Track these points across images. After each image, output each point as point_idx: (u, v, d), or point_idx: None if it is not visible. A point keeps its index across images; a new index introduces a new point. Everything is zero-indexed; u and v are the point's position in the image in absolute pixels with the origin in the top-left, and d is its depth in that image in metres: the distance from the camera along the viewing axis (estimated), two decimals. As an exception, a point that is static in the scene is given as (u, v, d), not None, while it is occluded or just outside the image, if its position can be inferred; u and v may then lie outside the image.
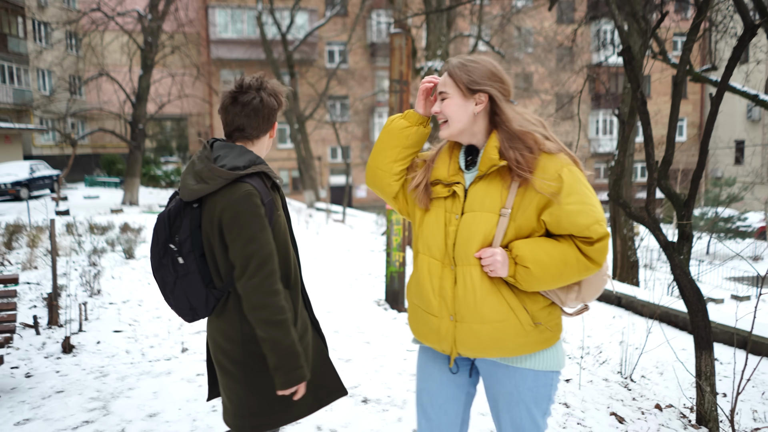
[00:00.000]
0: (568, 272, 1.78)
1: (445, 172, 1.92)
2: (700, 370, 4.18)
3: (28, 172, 22.14)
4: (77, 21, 19.68)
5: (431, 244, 1.90)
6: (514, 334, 1.83)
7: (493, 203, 1.82)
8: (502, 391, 1.91)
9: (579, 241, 1.79)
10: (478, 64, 1.86)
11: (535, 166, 1.79)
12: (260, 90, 2.04)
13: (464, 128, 1.89)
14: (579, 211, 1.76)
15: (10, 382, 4.04)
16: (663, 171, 4.59)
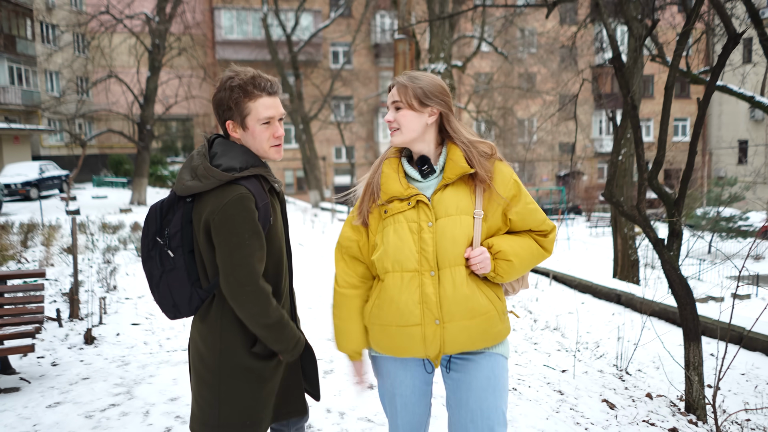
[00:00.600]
0: (533, 261, 2.04)
1: (398, 188, 1.98)
2: (688, 360, 4.42)
3: (38, 173, 22.46)
4: (86, 24, 19.97)
5: (401, 257, 1.94)
6: (495, 322, 1.98)
7: (467, 206, 1.96)
8: (479, 376, 1.98)
9: (536, 235, 2.06)
10: (429, 79, 2.01)
11: (494, 171, 1.99)
12: (221, 84, 1.97)
13: (416, 137, 1.99)
14: (536, 209, 2.04)
15: (38, 370, 4.32)
16: (654, 171, 4.84)
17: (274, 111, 1.94)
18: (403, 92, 1.97)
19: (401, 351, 1.98)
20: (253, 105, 1.92)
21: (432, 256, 1.91)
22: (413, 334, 1.93)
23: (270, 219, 1.94)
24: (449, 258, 1.91)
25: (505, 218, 2.01)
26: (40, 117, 29.98)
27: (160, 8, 19.88)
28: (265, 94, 1.93)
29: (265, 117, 1.93)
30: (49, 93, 30.86)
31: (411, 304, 1.92)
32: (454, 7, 16.80)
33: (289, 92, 24.69)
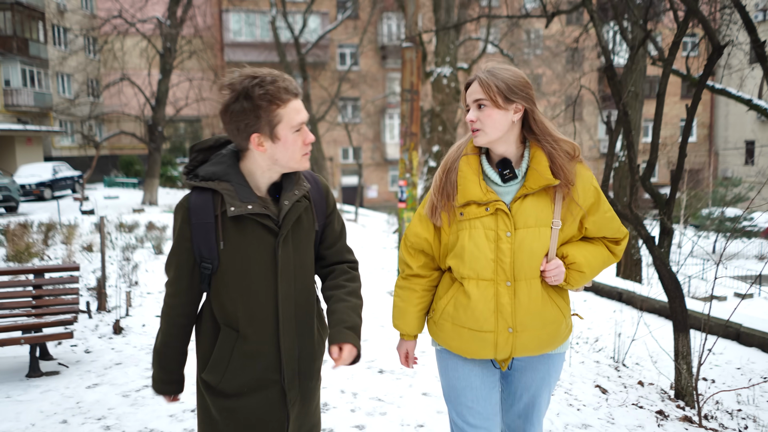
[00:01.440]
0: (602, 268, 1.99)
1: (478, 192, 1.89)
2: (677, 350, 4.72)
3: (52, 173, 22.90)
4: (99, 28, 20.40)
5: (477, 266, 1.88)
6: (562, 329, 1.98)
7: (546, 217, 1.88)
8: (536, 377, 2.01)
9: (609, 242, 2.02)
10: (512, 72, 1.89)
11: (576, 176, 1.90)
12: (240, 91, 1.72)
13: (501, 136, 1.88)
14: (613, 218, 1.98)
15: (74, 357, 4.68)
16: (647, 173, 5.15)
17: (304, 114, 1.75)
18: (486, 88, 1.85)
19: (471, 353, 1.95)
20: (284, 111, 1.69)
21: (509, 268, 1.86)
22: (486, 339, 1.90)
23: (215, 242, 1.73)
24: (526, 271, 1.87)
25: (581, 226, 1.96)
26: (52, 119, 30.48)
27: (171, 12, 20.28)
28: (293, 96, 1.71)
29: (298, 123, 1.72)
30: (60, 95, 31.34)
31: (487, 312, 1.88)
32: (460, 11, 17.13)
33: (297, 94, 25.11)
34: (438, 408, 3.71)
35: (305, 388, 1.89)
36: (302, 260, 1.85)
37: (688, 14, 4.75)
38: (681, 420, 4.03)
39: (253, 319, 1.77)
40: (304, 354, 1.87)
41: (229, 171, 1.74)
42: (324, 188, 1.95)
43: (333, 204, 1.98)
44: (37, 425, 3.37)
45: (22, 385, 4.05)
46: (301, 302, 1.85)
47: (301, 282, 1.85)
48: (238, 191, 1.72)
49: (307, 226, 1.86)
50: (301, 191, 1.81)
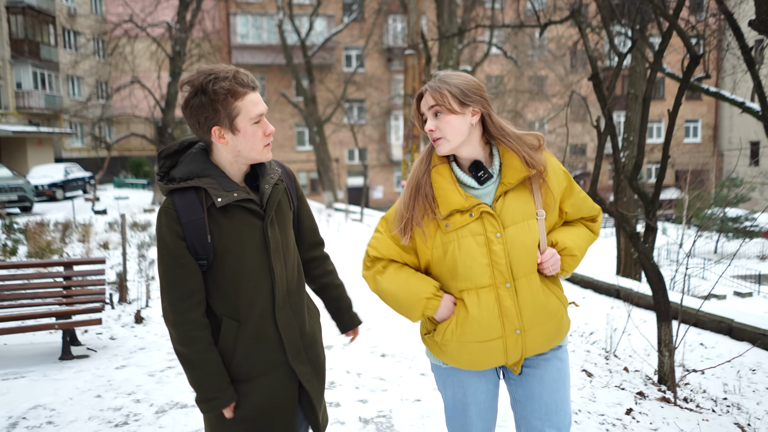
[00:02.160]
0: (588, 248, 2.00)
1: (459, 200, 1.86)
2: (660, 338, 5.07)
3: (63, 174, 23.36)
4: (111, 32, 20.87)
5: (473, 275, 1.85)
6: (564, 319, 1.96)
7: (530, 210, 1.89)
8: (550, 368, 1.96)
9: (586, 221, 2.05)
10: (463, 78, 1.90)
11: (546, 164, 1.93)
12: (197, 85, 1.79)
13: (463, 140, 1.88)
14: (585, 197, 2.03)
15: (100, 343, 5.08)
16: (634, 173, 5.49)
17: (262, 107, 1.81)
18: (439, 95, 1.85)
19: (481, 365, 1.92)
20: (242, 104, 1.76)
21: (506, 268, 1.84)
22: (495, 347, 1.88)
23: (207, 237, 1.79)
24: (524, 267, 1.86)
25: (561, 211, 1.98)
26: (62, 120, 31.01)
27: (180, 17, 20.73)
28: (250, 89, 1.79)
29: (256, 114, 1.79)
30: (71, 97, 31.87)
31: (492, 319, 1.85)
32: (464, 14, 17.48)
33: (303, 96, 25.41)
34: (434, 385, 4.08)
35: (316, 364, 1.98)
36: (287, 240, 1.95)
37: (670, 28, 5.10)
38: (659, 400, 4.37)
39: (252, 304, 1.84)
40: (305, 330, 1.96)
41: (206, 167, 1.82)
42: (291, 173, 2.06)
43: (300, 188, 2.10)
44: (74, 399, 3.77)
45: (56, 366, 4.46)
46: (291, 280, 1.94)
47: (290, 261, 1.94)
48: (220, 183, 1.80)
49: (286, 208, 1.97)
50: (275, 175, 1.93)
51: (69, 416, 3.49)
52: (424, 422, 3.46)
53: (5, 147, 27.98)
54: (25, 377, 4.17)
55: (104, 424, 3.40)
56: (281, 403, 1.90)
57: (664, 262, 18.43)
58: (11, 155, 27.68)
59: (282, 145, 34.53)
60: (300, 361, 1.92)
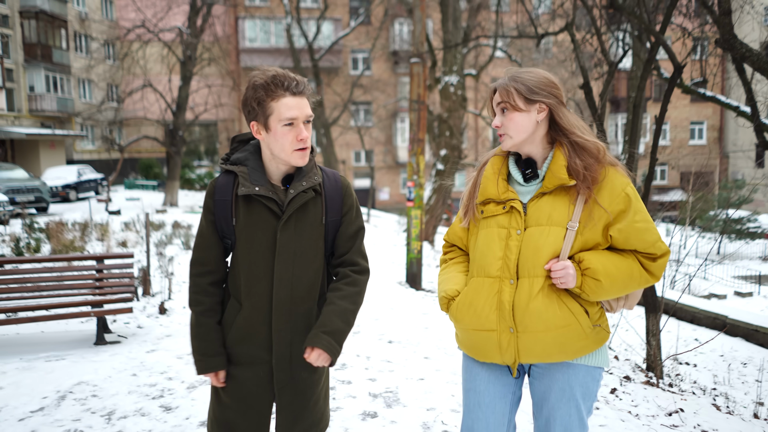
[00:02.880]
0: (631, 285, 1.86)
1: (494, 191, 1.93)
2: (648, 329, 5.44)
3: (76, 176, 23.85)
4: (124, 37, 21.38)
5: (485, 263, 1.91)
6: (576, 337, 1.86)
7: (561, 217, 1.85)
8: (554, 387, 1.92)
9: (642, 257, 1.87)
10: (533, 74, 1.90)
11: (601, 178, 1.85)
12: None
13: (527, 137, 1.90)
14: (646, 229, 1.84)
15: (129, 331, 5.52)
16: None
17: (297, 111, 1.86)
18: (506, 93, 1.89)
19: (480, 354, 1.95)
20: (276, 105, 1.84)
21: (513, 264, 1.86)
22: (490, 339, 1.89)
23: (231, 218, 1.94)
24: (529, 268, 1.85)
25: (607, 233, 1.87)
26: (73, 123, 31.56)
27: (191, 22, 21.21)
28: (289, 93, 1.85)
29: (287, 118, 1.85)
30: (82, 100, 32.43)
31: (488, 308, 1.88)
32: (469, 18, 17.86)
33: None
34: (437, 367, 4.48)
35: (298, 376, 1.98)
36: (303, 248, 1.96)
37: (655, 43, 5.48)
38: (643, 383, 4.75)
39: (250, 293, 1.94)
40: (298, 340, 1.96)
41: (249, 157, 1.95)
42: (343, 187, 2.07)
43: (351, 204, 2.08)
44: (113, 377, 4.19)
45: (92, 350, 4.89)
46: (298, 287, 1.96)
47: (300, 268, 1.95)
48: (251, 174, 1.92)
49: (312, 217, 1.98)
50: (309, 183, 1.95)
51: (110, 391, 3.91)
52: (427, 396, 3.87)
53: (18, 149, 28.55)
54: (66, 359, 4.60)
55: (142, 396, 3.82)
56: (256, 399, 1.97)
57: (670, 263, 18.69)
58: (24, 157, 28.23)
59: (289, 147, 35.01)
60: (281, 368, 1.96)
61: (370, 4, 29.43)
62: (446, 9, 12.04)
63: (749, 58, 3.52)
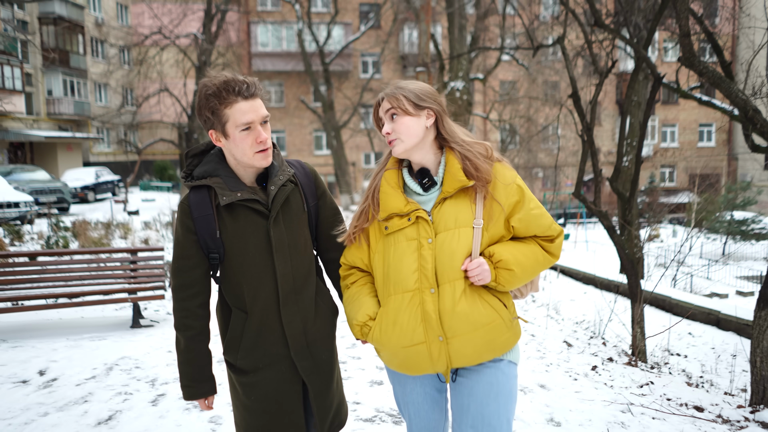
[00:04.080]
0: (538, 268, 1.95)
1: (396, 204, 1.92)
2: (633, 317, 5.94)
3: (94, 178, 24.56)
4: (141, 42, 22.08)
5: (400, 278, 1.89)
6: (501, 332, 1.90)
7: (466, 218, 1.88)
8: (480, 381, 1.93)
9: (541, 240, 1.97)
10: (417, 84, 1.96)
11: (493, 175, 1.91)
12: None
13: (417, 142, 1.93)
14: (541, 215, 1.95)
15: (160, 317, 6.11)
16: (614, 175, 6.37)
17: (252, 115, 1.85)
18: (395, 100, 1.93)
19: (412, 369, 1.93)
20: (230, 111, 1.84)
21: (431, 273, 1.86)
22: (420, 353, 1.88)
23: (215, 231, 1.93)
24: (448, 273, 1.86)
25: (508, 225, 1.94)
26: (90, 126, 32.35)
27: (206, 28, 21.86)
28: (241, 98, 1.84)
29: (243, 123, 1.84)
30: (98, 104, 33.23)
31: (413, 322, 1.87)
32: (477, 23, 18.37)
33: (321, 101, 26.37)
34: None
35: (319, 360, 2.05)
36: (295, 239, 2.00)
37: (638, 60, 5.98)
38: (625, 364, 5.25)
39: (256, 298, 1.95)
40: (309, 327, 2.03)
41: (217, 167, 1.94)
42: (311, 172, 2.13)
43: (323, 186, 2.15)
44: (151, 353, 4.77)
45: (129, 332, 5.48)
46: (299, 278, 2.00)
47: (296, 259, 2.00)
48: (227, 183, 1.92)
49: (296, 207, 2.03)
50: (285, 176, 1.99)
51: (150, 363, 4.49)
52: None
53: (37, 151, 29.36)
54: (107, 339, 5.19)
55: (179, 369, 4.39)
56: (285, 395, 2.00)
57: (672, 263, 19.04)
58: (43, 159, 29.02)
59: (300, 149, 35.58)
60: (302, 357, 2.01)
61: (379, 9, 29.88)
62: (452, 18, 12.56)
63: (705, 74, 4.03)
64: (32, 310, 5.44)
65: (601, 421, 3.45)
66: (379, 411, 3.65)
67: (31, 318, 6.09)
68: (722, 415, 3.65)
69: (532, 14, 14.88)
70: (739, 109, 3.82)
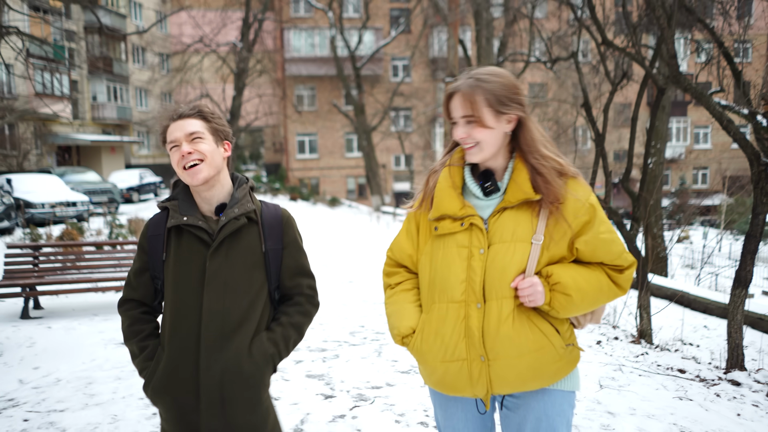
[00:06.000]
0: (601, 299, 1.77)
1: (452, 206, 1.78)
2: (640, 304, 6.59)
3: (138, 179, 25.88)
4: (183, 51, 23.28)
5: (446, 286, 1.76)
6: (551, 360, 1.75)
7: (525, 232, 1.73)
8: (529, 417, 1.80)
9: (609, 269, 1.78)
10: (499, 80, 1.73)
11: (566, 192, 1.74)
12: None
13: (497, 151, 1.77)
14: (612, 240, 1.76)
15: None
16: (625, 176, 7.04)
17: (178, 133, 1.84)
18: (470, 105, 1.72)
19: (450, 388, 1.80)
20: (165, 136, 1.89)
21: (479, 287, 1.72)
22: (460, 370, 1.75)
23: (161, 253, 1.88)
24: (496, 289, 1.72)
25: (572, 246, 1.77)
26: (131, 129, 33.81)
27: (244, 36, 22.97)
28: (171, 121, 1.87)
29: (170, 142, 1.87)
30: (138, 108, 34.70)
31: (456, 336, 1.74)
32: (505, 28, 19.01)
33: (353, 105, 27.13)
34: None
35: (235, 422, 1.81)
36: (235, 277, 1.85)
37: (646, 77, 6.62)
38: (629, 343, 5.92)
39: (176, 332, 1.82)
40: (230, 379, 1.80)
41: (180, 192, 1.94)
42: (283, 217, 1.99)
43: (294, 237, 1.99)
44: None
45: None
46: (229, 322, 1.81)
47: (232, 299, 1.83)
48: (180, 206, 1.88)
49: (246, 244, 1.89)
50: (242, 209, 1.88)
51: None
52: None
53: (83, 154, 30.86)
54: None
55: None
56: None
57: (697, 264, 19.41)
58: (89, 162, 30.49)
59: (332, 151, 36.44)
60: (211, 415, 1.80)
61: (410, 14, 30.45)
62: (480, 27, 13.26)
63: (689, 90, 4.72)
64: (107, 291, 6.42)
65: (594, 376, 4.18)
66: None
67: (108, 298, 7.02)
68: (700, 375, 4.35)
69: (561, 20, 15.45)
70: (716, 120, 4.50)
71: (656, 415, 3.59)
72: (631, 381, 4.14)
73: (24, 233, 11.80)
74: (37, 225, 14.08)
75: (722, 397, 3.98)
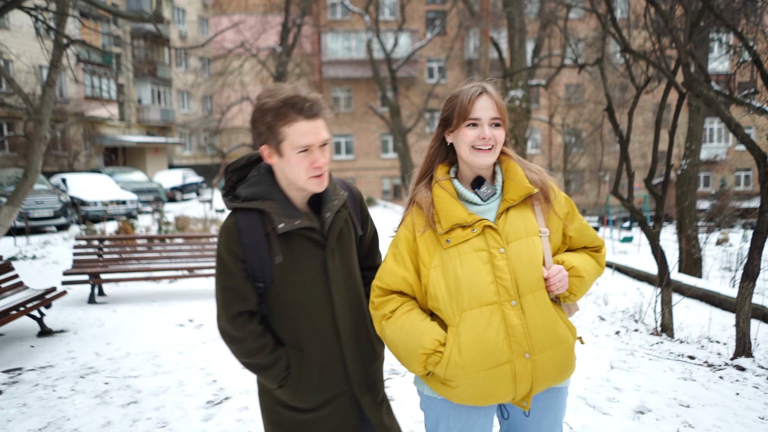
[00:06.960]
0: (595, 277, 1.91)
1: (461, 214, 1.80)
2: (662, 299, 6.90)
3: (181, 179, 26.90)
4: (227, 55, 24.12)
5: (476, 291, 1.74)
6: (572, 351, 1.84)
7: (533, 227, 1.82)
8: (548, 415, 1.87)
9: (591, 251, 1.96)
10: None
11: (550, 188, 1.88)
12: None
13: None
14: (587, 225, 1.95)
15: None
16: (649, 176, 7.35)
17: (312, 138, 1.72)
18: (500, 109, 1.82)
19: (488, 398, 1.76)
20: (288, 130, 1.71)
21: (511, 284, 1.74)
22: (503, 374, 1.73)
23: (267, 258, 1.77)
24: (530, 283, 1.76)
25: (564, 236, 1.91)
26: (174, 131, 34.97)
27: (283, 41, 23.65)
28: (303, 117, 1.71)
29: (301, 145, 1.72)
30: (181, 111, 35.86)
31: (499, 339, 1.72)
32: (540, 30, 19.23)
33: (388, 106, 27.54)
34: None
35: (375, 392, 1.97)
36: (349, 270, 1.90)
37: (669, 84, 6.91)
38: (649, 335, 6.25)
39: (313, 334, 1.83)
40: (367, 359, 1.94)
41: (271, 189, 1.80)
42: (358, 196, 2.02)
43: (366, 210, 2.04)
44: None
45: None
46: (355, 310, 1.90)
47: (352, 291, 1.90)
48: (284, 208, 1.78)
49: (348, 235, 1.91)
50: (340, 200, 1.87)
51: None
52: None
53: (129, 155, 32.13)
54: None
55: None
56: (343, 431, 1.91)
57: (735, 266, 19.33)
58: (134, 162, 31.74)
59: (368, 152, 37.01)
60: (363, 391, 1.93)
61: (445, 16, 30.70)
62: (513, 31, 13.61)
63: (701, 96, 5.06)
64: (161, 279, 7.04)
65: (607, 359, 4.58)
66: None
67: (162, 287, 7.66)
68: (708, 361, 4.71)
69: (588, 26, 15.62)
70: (725, 123, 4.84)
71: (659, 391, 3.98)
72: (641, 364, 4.52)
73: (81, 229, 12.64)
74: (92, 222, 14.99)
75: (725, 379, 4.33)
